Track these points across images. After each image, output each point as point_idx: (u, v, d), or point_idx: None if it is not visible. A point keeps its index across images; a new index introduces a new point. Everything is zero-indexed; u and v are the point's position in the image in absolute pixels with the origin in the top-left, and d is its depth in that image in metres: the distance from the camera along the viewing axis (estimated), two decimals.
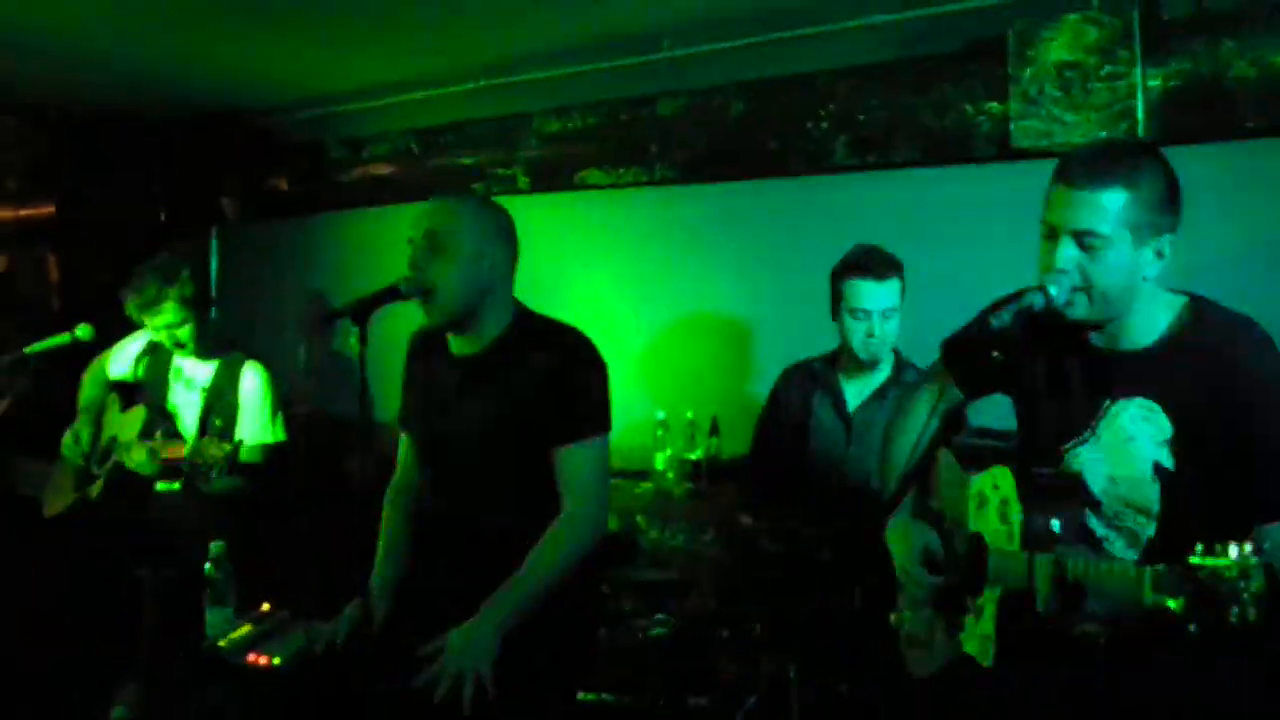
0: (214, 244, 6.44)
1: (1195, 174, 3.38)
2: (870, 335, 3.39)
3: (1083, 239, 2.10)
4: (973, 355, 2.24)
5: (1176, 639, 1.64)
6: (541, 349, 2.74)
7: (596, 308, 4.97)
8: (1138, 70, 3.45)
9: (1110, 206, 2.08)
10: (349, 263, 5.63)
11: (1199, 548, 1.62)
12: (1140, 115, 3.45)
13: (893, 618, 2.65)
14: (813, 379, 3.63)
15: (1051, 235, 2.14)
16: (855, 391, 3.55)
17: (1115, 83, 3.48)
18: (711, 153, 4.46)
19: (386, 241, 3.46)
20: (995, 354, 2.06)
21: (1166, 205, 2.12)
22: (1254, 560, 1.57)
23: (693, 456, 4.51)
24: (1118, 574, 1.82)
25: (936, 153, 3.90)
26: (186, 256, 4.00)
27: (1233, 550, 1.58)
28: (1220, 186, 3.43)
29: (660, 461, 4.57)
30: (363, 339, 2.61)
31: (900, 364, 3.54)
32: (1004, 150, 3.73)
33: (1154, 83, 3.44)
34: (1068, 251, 2.11)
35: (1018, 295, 2.12)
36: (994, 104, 3.71)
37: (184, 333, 3.92)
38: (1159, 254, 2.12)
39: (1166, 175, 2.14)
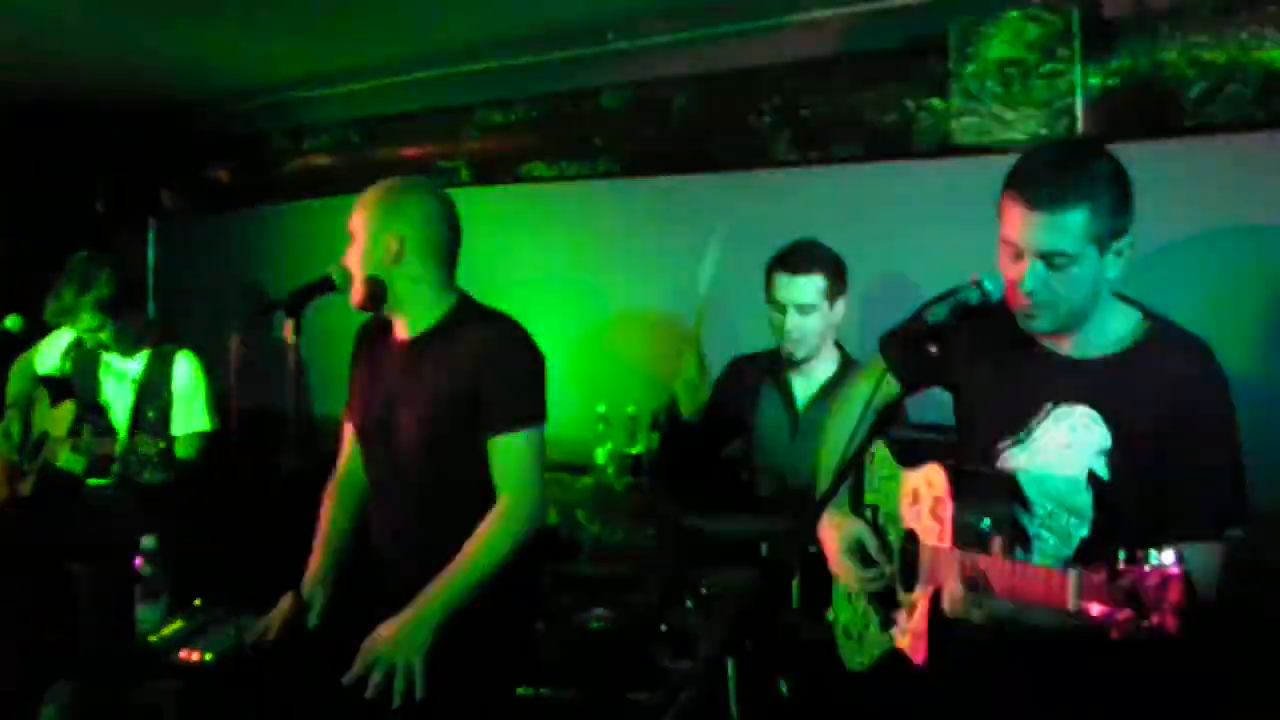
0: (151, 236, 6.35)
1: (1133, 172, 3.48)
2: (785, 329, 3.39)
3: (1050, 259, 2.09)
4: (908, 349, 2.26)
5: (1099, 644, 1.65)
6: (475, 336, 2.73)
7: (540, 300, 4.94)
8: (1077, 68, 3.46)
9: (1075, 225, 2.07)
10: (291, 254, 5.57)
11: (1121, 554, 1.62)
12: (1079, 112, 3.46)
13: (828, 613, 2.67)
14: (761, 372, 3.62)
15: (1018, 256, 2.12)
16: (802, 387, 3.54)
17: (1055, 80, 3.48)
18: (655, 146, 4.44)
19: (328, 233, 3.42)
20: (931, 348, 2.07)
21: (1123, 207, 2.13)
22: (1175, 570, 1.57)
23: (633, 451, 4.49)
24: (1042, 578, 1.82)
25: (878, 148, 3.90)
26: (104, 258, 3.92)
27: (1154, 559, 1.59)
28: (1157, 184, 3.47)
29: (601, 456, 4.55)
30: (297, 330, 2.59)
31: (846, 361, 3.54)
32: (945, 146, 3.73)
33: (1094, 80, 3.44)
34: (1037, 271, 2.10)
35: (954, 290, 2.13)
36: (935, 100, 3.71)
37: (105, 335, 3.88)
38: (1119, 254, 2.13)
39: (1119, 176, 2.15)
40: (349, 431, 2.98)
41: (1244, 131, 3.25)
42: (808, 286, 3.38)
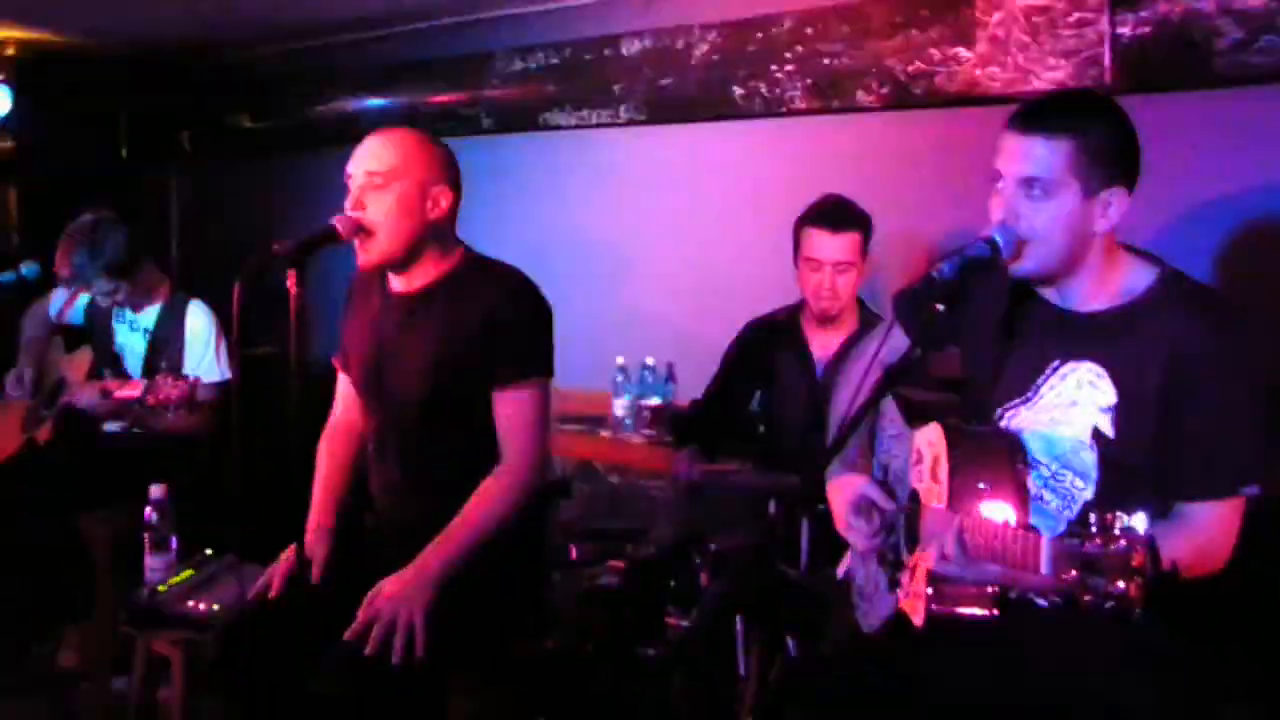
0: (174, 182, 6.35)
1: (1164, 122, 3.40)
2: (823, 287, 3.34)
3: (1028, 186, 2.04)
4: (917, 308, 2.20)
5: (1072, 608, 1.61)
6: (482, 290, 2.68)
7: (559, 250, 4.91)
8: (1106, 16, 3.36)
9: (1057, 153, 2.02)
10: (311, 201, 5.53)
11: (1091, 518, 1.58)
12: (1108, 62, 3.36)
13: (839, 571, 2.63)
14: (777, 333, 3.58)
15: (998, 183, 2.08)
16: (820, 345, 3.50)
17: (1084, 29, 3.39)
18: (675, 94, 4.37)
19: None
20: (939, 306, 2.01)
21: (1117, 158, 2.06)
22: (1141, 536, 1.53)
23: (651, 402, 4.46)
24: (1019, 543, 1.78)
25: (902, 98, 3.81)
26: (112, 221, 3.89)
27: (1121, 524, 1.54)
28: (1187, 135, 3.39)
29: (619, 407, 4.53)
30: (299, 280, 2.54)
31: (866, 317, 3.49)
32: (970, 96, 3.65)
33: (1123, 29, 3.35)
34: (1012, 199, 2.06)
35: (964, 247, 2.07)
36: (961, 49, 3.62)
37: (119, 295, 3.87)
38: (1107, 207, 2.06)
39: (1120, 127, 2.08)
40: (343, 381, 2.95)
41: (1277, 83, 3.14)
42: (847, 245, 3.34)
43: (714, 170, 4.53)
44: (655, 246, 4.75)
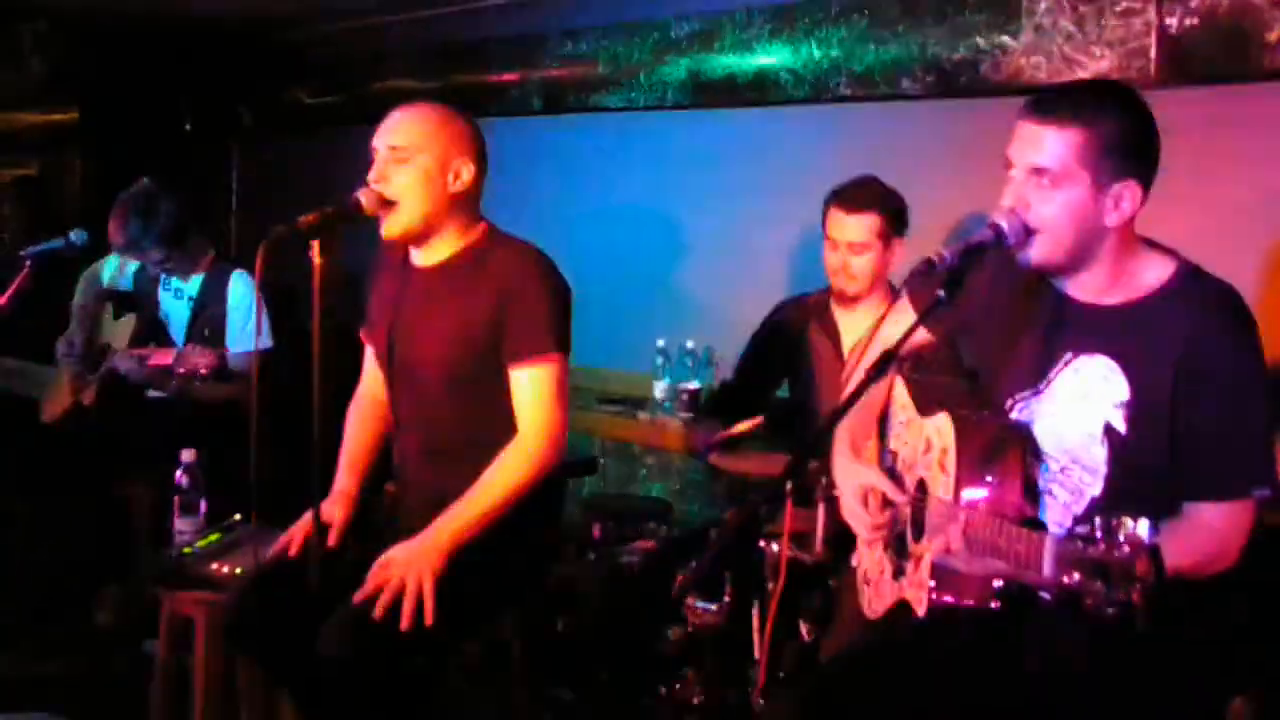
0: (233, 157, 6.44)
1: (1211, 114, 3.33)
2: (839, 266, 3.32)
3: (1037, 174, 2.01)
4: (921, 293, 2.19)
5: (1073, 609, 1.59)
6: (501, 266, 2.70)
7: (603, 232, 4.92)
8: (1154, 7, 3.30)
9: (1067, 143, 1.98)
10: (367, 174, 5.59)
11: (1096, 521, 1.56)
12: (1154, 53, 3.30)
13: (853, 558, 2.62)
14: (809, 313, 3.56)
15: (1009, 170, 2.06)
16: (850, 326, 3.48)
17: (1131, 19, 3.33)
18: (722, 77, 4.35)
19: None
20: (939, 292, 1.99)
21: (1132, 151, 2.01)
22: (1144, 541, 1.51)
23: (690, 386, 4.47)
24: (1023, 542, 1.76)
25: (946, 86, 3.77)
26: (161, 191, 3.97)
27: (1125, 530, 1.52)
28: (1234, 128, 3.32)
29: (658, 390, 4.54)
30: (323, 253, 2.58)
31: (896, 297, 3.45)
32: (1015, 86, 3.60)
33: (1171, 20, 3.29)
34: (1021, 188, 2.03)
35: (971, 234, 2.05)
36: (1006, 38, 3.57)
37: (169, 264, 3.95)
38: (1119, 200, 2.01)
39: (1136, 120, 2.03)
40: (370, 353, 2.98)
41: None
42: (861, 225, 3.31)
43: (759, 154, 4.51)
44: (699, 230, 4.74)
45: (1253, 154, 3.31)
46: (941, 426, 2.15)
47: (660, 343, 4.56)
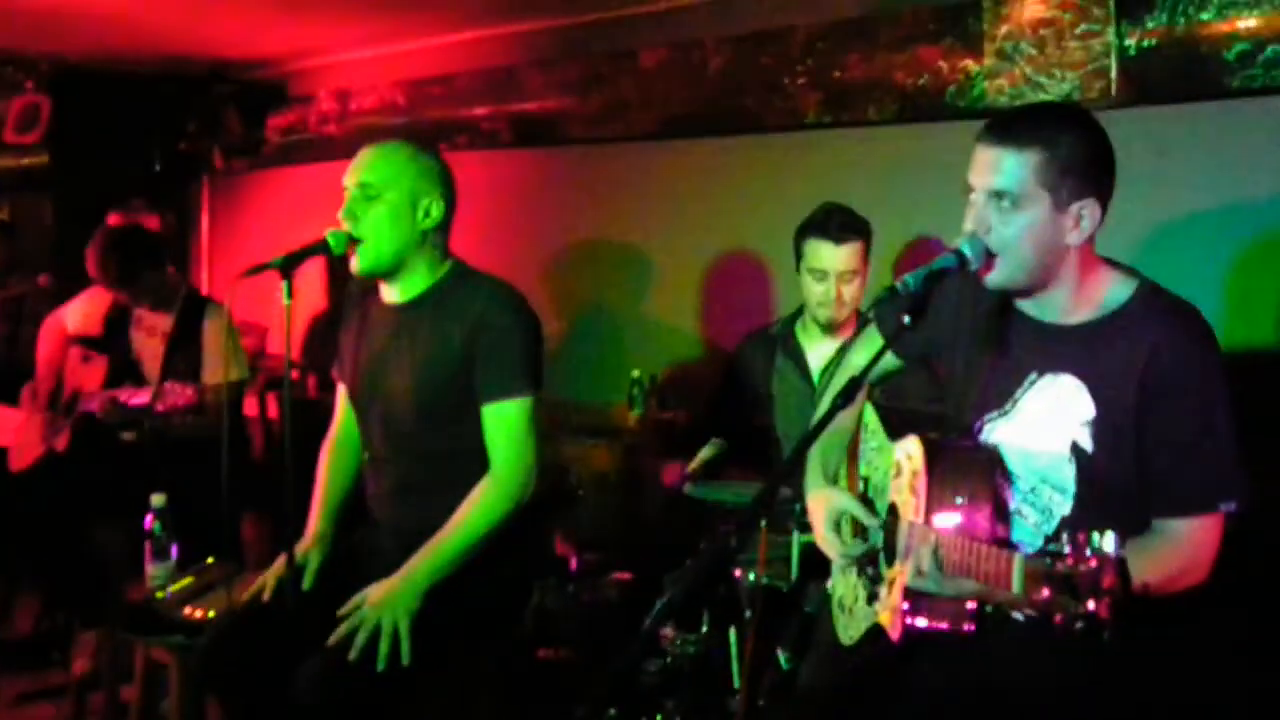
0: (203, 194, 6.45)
1: (1169, 135, 3.37)
2: (828, 297, 3.32)
3: (998, 197, 2.03)
4: (886, 318, 2.20)
5: (1044, 626, 1.60)
6: (470, 303, 2.70)
7: (576, 263, 4.93)
8: (1113, 28, 3.34)
9: (1026, 166, 1.99)
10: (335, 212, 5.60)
11: (1064, 537, 1.57)
12: (1114, 74, 3.34)
13: (827, 585, 2.62)
14: (774, 344, 3.56)
15: (970, 194, 2.07)
16: (818, 355, 3.48)
17: (1090, 41, 3.37)
18: (690, 107, 4.38)
19: None
20: (904, 318, 2.00)
21: (1089, 170, 2.03)
22: (1111, 556, 1.51)
23: (665, 416, 4.47)
24: (992, 560, 1.77)
25: (911, 111, 3.80)
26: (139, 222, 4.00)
27: (1092, 544, 1.53)
28: (1195, 146, 3.36)
29: (634, 420, 4.54)
30: (291, 292, 2.58)
31: (864, 324, 3.46)
32: (979, 109, 3.63)
33: (1129, 41, 3.33)
34: (983, 211, 2.05)
35: (934, 259, 2.06)
36: (969, 62, 3.61)
37: (143, 300, 3.96)
38: (1079, 220, 2.03)
39: (1093, 140, 2.05)
40: (342, 392, 2.98)
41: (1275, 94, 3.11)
42: (850, 254, 3.31)
43: (729, 182, 4.53)
44: (673, 259, 4.76)
45: (1209, 170, 3.35)
46: (911, 450, 2.15)
47: (635, 373, 4.57)
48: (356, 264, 2.69)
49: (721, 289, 4.56)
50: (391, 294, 2.78)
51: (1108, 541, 1.53)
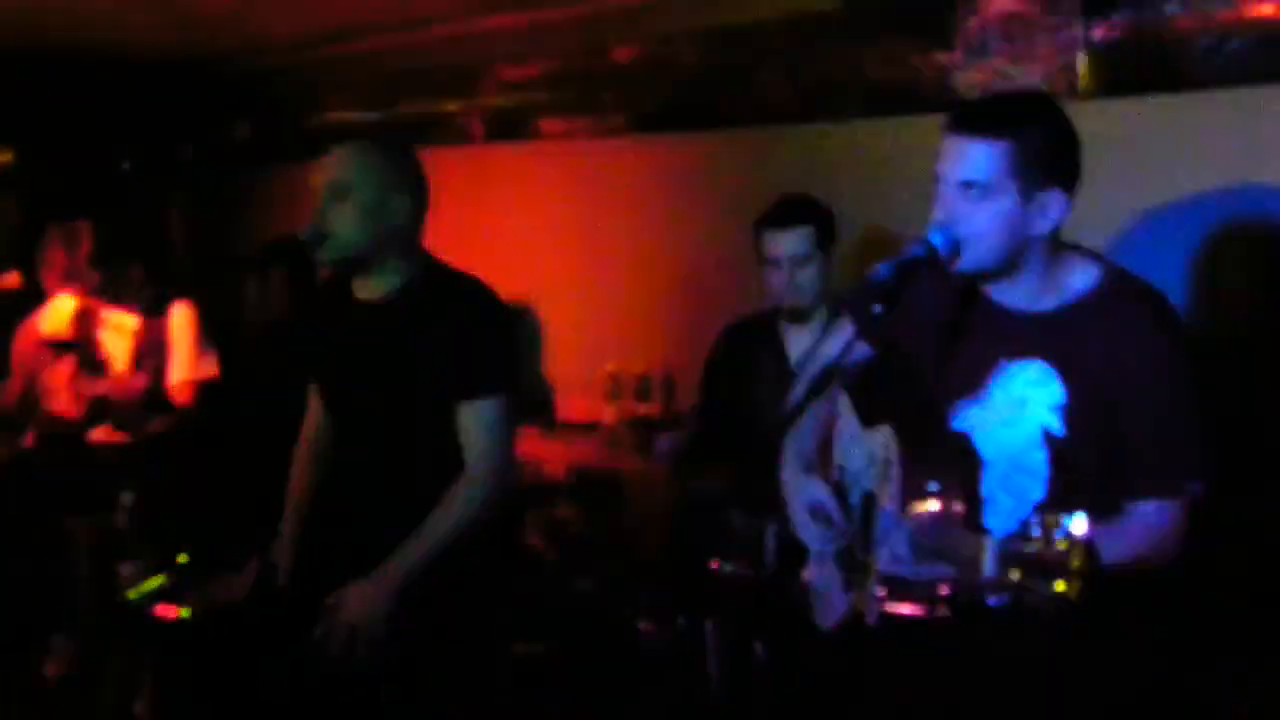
0: (175, 193, 6.41)
1: (1137, 127, 3.40)
2: (784, 284, 3.35)
3: (966, 188, 2.04)
4: (859, 308, 2.21)
5: (1015, 609, 1.61)
6: (444, 302, 2.69)
7: (551, 258, 4.93)
8: (1081, 21, 3.37)
9: (994, 155, 2.01)
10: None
11: (1034, 520, 1.59)
12: (1083, 67, 3.37)
13: (804, 572, 2.63)
14: (753, 335, 3.58)
15: (938, 185, 2.09)
16: (797, 344, 3.50)
17: (1058, 34, 3.40)
18: (664, 102, 4.39)
19: None
20: (875, 308, 2.01)
21: (1056, 159, 2.05)
22: (1079, 538, 1.53)
23: (643, 411, 4.47)
24: (964, 544, 1.78)
25: (882, 104, 3.83)
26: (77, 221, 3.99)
27: (1061, 526, 1.55)
28: (1162, 138, 3.39)
29: (610, 415, 4.53)
30: (262, 289, 2.57)
31: (836, 314, 3.48)
32: (949, 101, 3.64)
33: (1098, 33, 3.36)
34: (951, 200, 2.06)
35: (904, 249, 2.08)
36: (939, 55, 3.63)
37: (105, 295, 3.96)
38: (1045, 208, 2.05)
39: (1058, 129, 2.07)
40: (314, 391, 2.96)
41: (1246, 86, 3.14)
42: (800, 238, 3.34)
43: (705, 177, 4.54)
44: (650, 254, 4.76)
45: (1176, 161, 3.38)
46: (885, 439, 2.17)
47: (611, 367, 4.56)
48: (325, 261, 2.68)
49: (697, 283, 4.56)
50: (363, 292, 2.76)
51: (1077, 524, 1.55)
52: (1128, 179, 3.31)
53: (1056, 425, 2.09)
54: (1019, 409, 2.13)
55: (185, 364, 3.88)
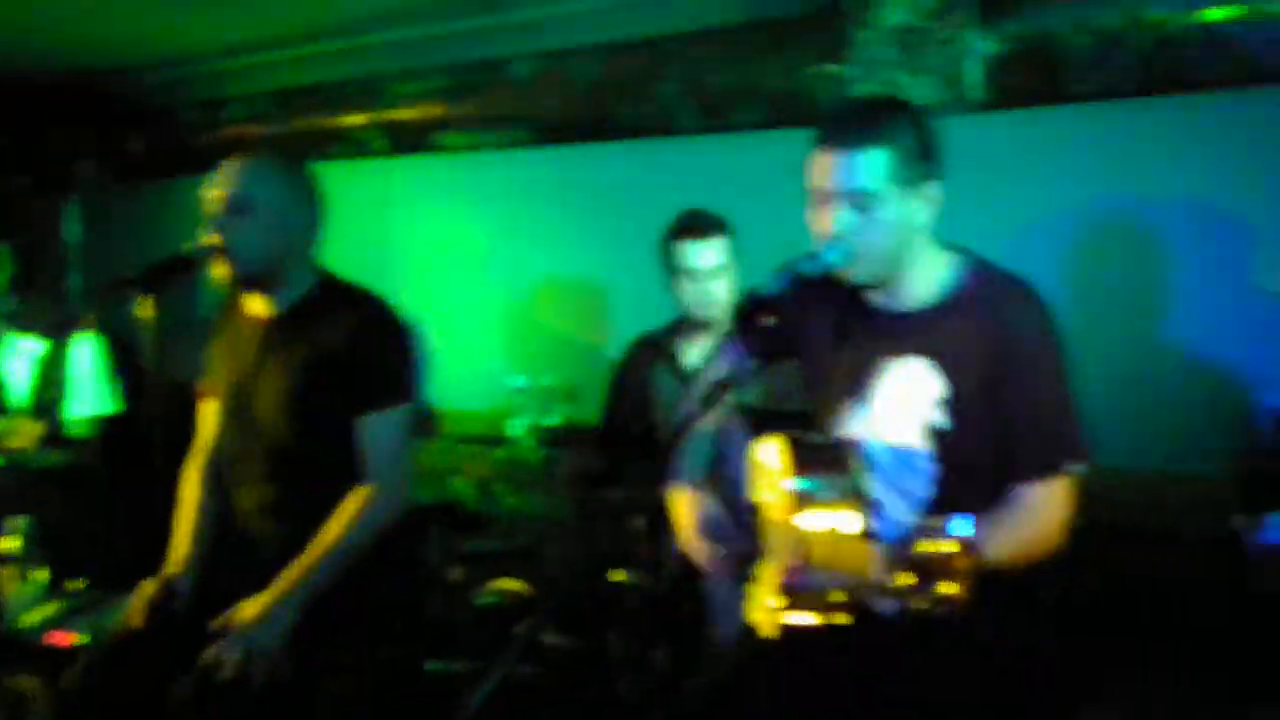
0: (72, 210, 6.27)
1: (1023, 139, 3.48)
2: (703, 296, 3.38)
3: (856, 200, 2.08)
4: (746, 322, 2.23)
5: (910, 613, 1.64)
6: (342, 316, 2.68)
7: (455, 272, 4.91)
8: (974, 33, 3.43)
9: (877, 164, 2.07)
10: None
11: (921, 523, 1.62)
12: (975, 79, 3.43)
13: (704, 586, 2.65)
14: (653, 350, 3.61)
15: (823, 200, 2.12)
16: (695, 354, 3.52)
17: (950, 46, 3.47)
18: (563, 115, 4.39)
19: None
20: (765, 321, 2.04)
21: (926, 155, 2.14)
22: (965, 538, 1.57)
23: (549, 423, 4.47)
24: (852, 549, 1.81)
25: (780, 116, 3.87)
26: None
27: (946, 527, 1.58)
28: (1049, 149, 3.47)
29: (516, 428, 4.53)
30: (156, 307, 2.53)
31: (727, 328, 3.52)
32: None
33: (990, 46, 3.42)
34: (844, 215, 2.10)
35: (793, 262, 2.10)
36: (835, 67, 3.68)
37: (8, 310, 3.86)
38: (926, 201, 2.13)
39: (922, 126, 2.15)
40: (208, 409, 2.92)
41: (1124, 99, 3.23)
42: (718, 249, 3.38)
43: (607, 190, 4.55)
44: (552, 266, 4.76)
45: (1059, 170, 3.47)
46: (773, 450, 2.18)
47: (517, 379, 4.56)
48: (222, 278, 2.65)
49: (599, 295, 4.57)
50: (260, 307, 2.74)
51: (960, 525, 1.58)
52: (1013, 187, 3.40)
53: (941, 419, 2.14)
54: (904, 408, 2.18)
55: (88, 397, 3.80)
